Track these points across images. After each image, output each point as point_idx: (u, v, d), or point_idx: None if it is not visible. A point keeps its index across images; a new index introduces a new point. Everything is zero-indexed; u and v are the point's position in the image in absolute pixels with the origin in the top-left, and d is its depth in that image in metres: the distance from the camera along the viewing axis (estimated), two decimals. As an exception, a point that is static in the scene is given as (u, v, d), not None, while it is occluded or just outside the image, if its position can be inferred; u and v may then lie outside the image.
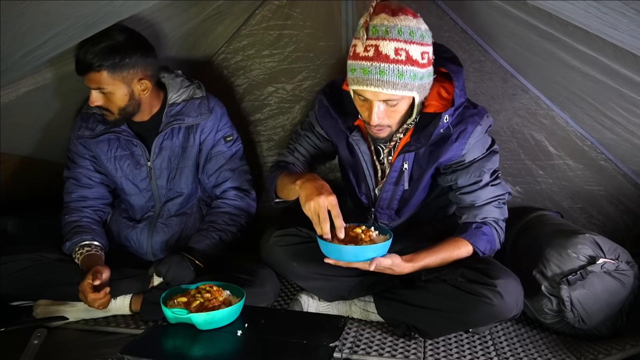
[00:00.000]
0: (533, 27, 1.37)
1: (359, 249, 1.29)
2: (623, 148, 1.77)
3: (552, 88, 1.84)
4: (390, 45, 1.23)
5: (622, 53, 1.14)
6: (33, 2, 0.98)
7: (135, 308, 1.61)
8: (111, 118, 1.60)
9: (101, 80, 1.51)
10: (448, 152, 1.42)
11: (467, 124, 1.40)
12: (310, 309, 1.60)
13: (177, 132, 1.68)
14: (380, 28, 1.24)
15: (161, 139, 1.67)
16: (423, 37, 1.27)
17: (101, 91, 1.53)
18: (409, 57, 1.24)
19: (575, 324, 1.47)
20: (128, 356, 1.12)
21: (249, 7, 1.95)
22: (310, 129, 1.63)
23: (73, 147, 1.71)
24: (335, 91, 1.53)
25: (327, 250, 1.32)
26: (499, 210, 1.47)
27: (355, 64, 1.28)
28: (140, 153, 1.68)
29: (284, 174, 1.53)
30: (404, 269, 1.38)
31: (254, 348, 1.17)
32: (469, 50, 1.93)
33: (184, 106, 1.68)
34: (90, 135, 1.67)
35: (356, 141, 1.49)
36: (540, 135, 1.98)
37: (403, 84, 1.25)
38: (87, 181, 1.71)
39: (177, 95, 1.69)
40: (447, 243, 1.45)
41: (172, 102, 1.68)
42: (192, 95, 1.70)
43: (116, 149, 1.68)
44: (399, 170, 1.48)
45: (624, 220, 2.01)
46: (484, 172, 1.44)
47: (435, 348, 1.48)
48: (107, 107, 1.57)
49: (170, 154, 1.69)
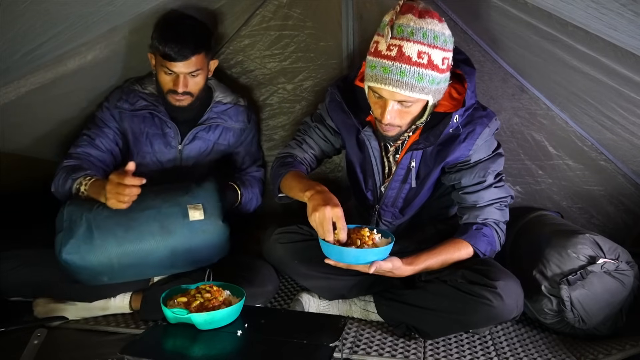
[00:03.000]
0: (533, 27, 1.37)
1: (360, 251, 1.29)
2: (623, 148, 1.78)
3: (551, 88, 1.84)
4: (414, 47, 1.22)
5: (622, 53, 1.15)
6: (33, 2, 0.99)
7: (135, 306, 1.61)
8: (188, 102, 1.70)
9: (198, 62, 1.63)
10: (455, 152, 1.42)
11: (476, 125, 1.41)
12: (311, 308, 1.61)
13: (215, 129, 1.81)
14: (405, 28, 1.23)
15: (198, 130, 1.78)
16: (446, 42, 1.27)
17: (193, 74, 1.64)
18: (430, 61, 1.24)
19: (575, 324, 1.47)
20: (128, 356, 1.12)
21: (249, 7, 1.95)
22: (321, 120, 1.63)
23: (101, 114, 1.76)
24: (348, 86, 1.53)
25: (328, 251, 1.32)
26: (501, 213, 1.47)
27: (377, 62, 1.27)
28: (172, 135, 1.77)
29: (291, 175, 1.50)
30: (404, 272, 1.38)
31: (254, 348, 1.17)
32: (469, 51, 1.92)
33: (229, 108, 1.83)
34: (129, 108, 1.74)
35: (367, 137, 1.48)
36: (540, 136, 1.98)
37: (421, 87, 1.25)
38: (98, 144, 1.74)
39: (223, 95, 1.84)
40: (448, 244, 1.45)
41: (218, 100, 1.82)
42: (236, 102, 1.86)
43: (150, 126, 1.76)
44: (406, 168, 1.48)
45: (624, 220, 2.01)
46: (488, 173, 1.44)
47: (435, 348, 1.48)
48: (190, 92, 1.67)
49: (201, 145, 1.80)
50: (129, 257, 1.46)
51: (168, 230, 1.47)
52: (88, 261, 1.44)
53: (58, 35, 1.19)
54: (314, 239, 1.55)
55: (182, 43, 1.58)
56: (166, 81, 1.65)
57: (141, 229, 1.46)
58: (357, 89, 1.48)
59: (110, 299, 1.61)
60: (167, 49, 1.57)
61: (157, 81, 1.68)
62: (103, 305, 1.60)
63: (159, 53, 1.60)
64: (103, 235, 1.44)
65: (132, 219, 1.47)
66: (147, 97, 1.76)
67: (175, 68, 1.61)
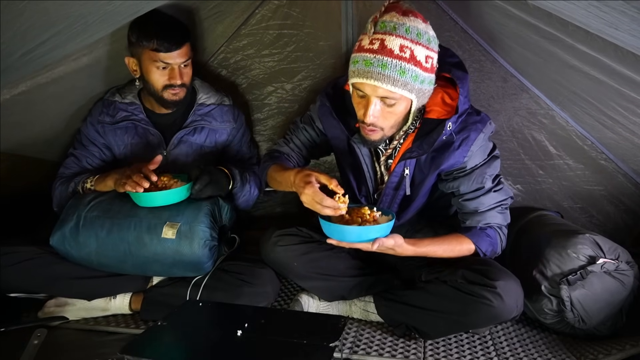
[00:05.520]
0: (533, 27, 1.37)
1: (361, 229, 1.28)
2: (623, 147, 1.77)
3: (552, 87, 1.84)
4: (397, 41, 1.22)
5: (622, 53, 1.15)
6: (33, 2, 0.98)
7: (135, 307, 1.61)
8: (183, 94, 1.68)
9: (188, 51, 1.64)
10: (450, 159, 1.40)
11: (470, 131, 1.39)
12: (311, 309, 1.60)
13: (200, 131, 1.76)
14: (388, 24, 1.23)
15: (182, 134, 1.74)
16: (430, 41, 1.26)
17: (185, 64, 1.64)
18: (413, 56, 1.23)
19: (575, 324, 1.47)
20: (128, 356, 1.12)
21: (249, 6, 1.95)
22: (310, 123, 1.61)
23: (85, 131, 1.75)
24: (338, 91, 1.52)
25: (330, 231, 1.30)
26: (502, 216, 1.46)
27: (359, 56, 1.26)
28: (156, 142, 1.73)
29: (274, 168, 1.51)
30: (405, 250, 1.36)
31: (254, 348, 1.17)
32: (469, 50, 1.92)
33: (214, 109, 1.78)
34: (110, 122, 1.72)
35: (357, 144, 1.47)
36: (540, 135, 1.98)
37: (404, 82, 1.24)
38: (85, 165, 1.73)
39: (206, 96, 1.79)
40: (451, 236, 1.45)
41: (201, 102, 1.77)
42: (220, 102, 1.81)
43: (133, 136, 1.73)
44: (399, 175, 1.46)
45: (624, 220, 2.01)
46: (486, 178, 1.42)
47: (435, 348, 1.48)
48: (184, 83, 1.66)
49: (188, 149, 1.75)
50: (107, 258, 1.53)
51: (142, 242, 1.50)
52: (70, 254, 1.53)
53: (58, 34, 1.18)
54: (314, 241, 1.55)
55: (172, 33, 1.58)
56: (160, 77, 1.63)
57: (120, 235, 1.51)
58: (347, 94, 1.45)
59: (110, 300, 1.61)
60: (159, 41, 1.56)
61: (148, 82, 1.64)
62: (103, 306, 1.60)
63: (150, 49, 1.57)
64: (87, 234, 1.52)
65: (115, 224, 1.51)
66: (127, 107, 1.73)
67: (171, 59, 1.59)
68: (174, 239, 1.48)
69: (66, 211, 1.57)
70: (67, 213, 1.56)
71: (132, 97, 1.74)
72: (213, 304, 1.34)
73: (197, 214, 1.52)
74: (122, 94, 1.75)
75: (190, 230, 1.49)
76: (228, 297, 1.52)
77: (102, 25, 1.34)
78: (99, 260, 1.53)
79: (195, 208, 1.54)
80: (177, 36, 1.59)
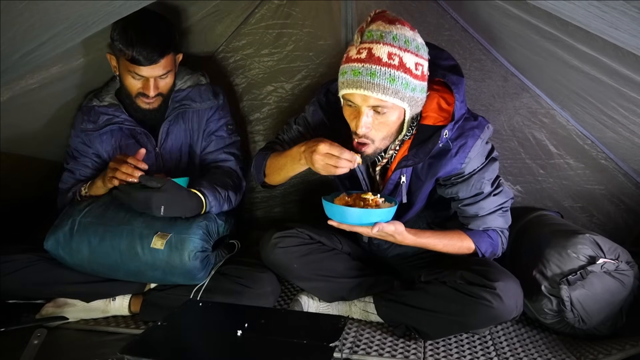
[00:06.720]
0: (534, 27, 1.37)
1: (363, 211, 1.27)
2: (624, 147, 1.77)
3: (552, 87, 1.84)
4: (384, 49, 1.20)
5: (622, 53, 1.14)
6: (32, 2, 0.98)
7: (134, 309, 1.61)
8: (158, 103, 1.64)
9: (168, 64, 1.57)
10: (447, 166, 1.38)
11: (468, 137, 1.36)
12: (310, 309, 1.60)
13: (183, 116, 1.71)
14: (375, 33, 1.22)
15: (167, 125, 1.69)
16: (418, 48, 1.25)
17: (163, 77, 1.58)
18: (402, 63, 1.21)
19: (575, 324, 1.47)
20: (128, 356, 1.12)
21: (249, 6, 1.95)
22: (304, 124, 1.59)
23: (73, 144, 1.71)
24: (331, 97, 1.50)
25: (331, 212, 1.29)
26: (503, 219, 1.45)
27: (347, 67, 1.25)
28: (145, 140, 1.69)
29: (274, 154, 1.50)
30: (405, 238, 1.35)
31: (254, 348, 1.17)
32: (470, 49, 1.92)
33: (190, 92, 1.71)
34: (94, 128, 1.68)
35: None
36: (540, 134, 1.98)
37: (394, 90, 1.22)
38: (79, 177, 1.72)
39: (182, 82, 1.72)
40: (453, 232, 1.44)
41: (177, 88, 1.71)
42: (197, 82, 1.74)
43: (120, 139, 1.69)
44: (395, 183, 1.44)
45: (624, 219, 2.01)
46: (485, 183, 1.40)
47: (435, 348, 1.48)
48: (161, 92, 1.61)
49: (177, 139, 1.71)
50: (99, 265, 1.51)
51: (134, 251, 1.48)
52: (64, 259, 1.52)
53: (57, 35, 1.18)
54: (313, 242, 1.54)
55: (150, 46, 1.49)
56: (135, 84, 1.57)
57: (112, 243, 1.49)
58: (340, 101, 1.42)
59: (109, 302, 1.60)
60: (135, 53, 1.48)
61: (123, 85, 1.60)
62: (103, 308, 1.60)
63: (125, 57, 1.51)
64: (79, 240, 1.50)
65: (108, 231, 1.50)
66: (107, 109, 1.67)
67: (144, 72, 1.53)
68: (164, 250, 1.45)
69: (61, 216, 1.55)
70: (62, 218, 1.54)
71: (110, 99, 1.68)
72: (213, 304, 1.34)
73: (189, 225, 1.49)
74: (100, 97, 1.69)
75: (180, 241, 1.46)
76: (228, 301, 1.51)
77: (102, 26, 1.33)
78: (92, 267, 1.51)
79: (189, 218, 1.52)
80: (155, 50, 1.50)
